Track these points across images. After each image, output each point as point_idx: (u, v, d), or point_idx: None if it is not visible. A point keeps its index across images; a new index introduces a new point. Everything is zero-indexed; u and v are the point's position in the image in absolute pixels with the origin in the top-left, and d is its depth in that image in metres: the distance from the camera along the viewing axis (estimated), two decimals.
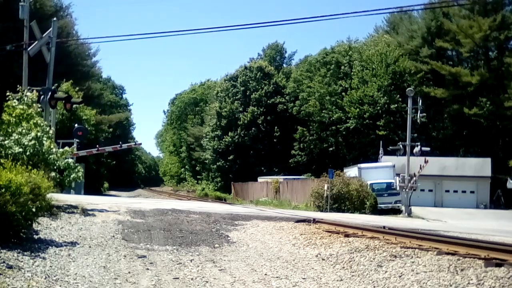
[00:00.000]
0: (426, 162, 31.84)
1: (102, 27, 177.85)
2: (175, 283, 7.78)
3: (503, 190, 41.65)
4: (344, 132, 52.93)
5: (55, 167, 14.63)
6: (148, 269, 8.59)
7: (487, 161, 42.15)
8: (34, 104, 15.28)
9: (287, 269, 9.18)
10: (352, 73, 54.79)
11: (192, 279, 8.09)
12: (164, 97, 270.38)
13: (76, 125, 33.07)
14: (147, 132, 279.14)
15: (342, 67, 57.00)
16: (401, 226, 16.06)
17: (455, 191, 41.88)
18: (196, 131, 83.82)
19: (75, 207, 14.54)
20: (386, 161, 38.67)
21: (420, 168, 31.08)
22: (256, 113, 63.98)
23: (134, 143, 41.77)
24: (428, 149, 35.11)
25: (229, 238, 12.57)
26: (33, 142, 13.77)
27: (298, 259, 10.21)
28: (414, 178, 30.79)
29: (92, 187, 45.81)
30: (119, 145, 34.10)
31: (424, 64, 49.65)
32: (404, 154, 32.57)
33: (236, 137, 64.37)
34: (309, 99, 58.30)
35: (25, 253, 8.33)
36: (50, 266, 7.88)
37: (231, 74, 69.83)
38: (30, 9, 23.04)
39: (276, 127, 63.76)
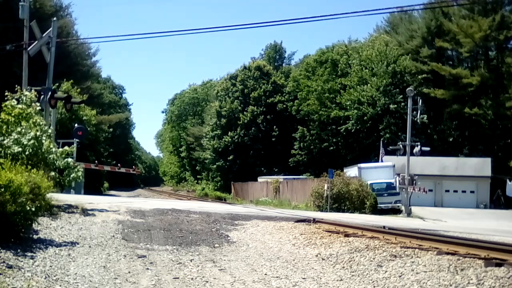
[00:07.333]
0: (425, 191, 33.86)
1: (102, 27, 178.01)
2: (175, 283, 7.77)
3: (503, 191, 41.62)
4: (344, 133, 52.89)
5: (54, 167, 14.60)
6: (148, 269, 8.59)
7: (487, 161, 42.13)
8: (33, 104, 15.24)
9: (287, 269, 9.18)
10: (351, 72, 54.72)
11: (192, 279, 8.08)
12: (164, 97, 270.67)
13: (76, 125, 33.06)
14: (147, 132, 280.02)
15: (340, 65, 56.94)
16: (401, 226, 16.06)
17: (455, 191, 41.85)
18: (196, 130, 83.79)
19: (75, 207, 14.53)
20: (387, 161, 38.67)
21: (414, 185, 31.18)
22: (255, 112, 63.94)
23: (132, 168, 42.33)
24: (428, 149, 35.15)
25: (229, 238, 12.56)
26: (32, 141, 13.71)
27: (298, 259, 10.20)
28: (411, 191, 30.83)
29: (92, 187, 45.72)
30: (118, 167, 35.70)
31: (424, 65, 49.60)
32: (404, 154, 32.56)
33: (236, 136, 64.33)
34: (308, 98, 58.28)
35: (25, 253, 8.33)
36: (50, 266, 7.88)
37: (232, 73, 69.92)
38: (30, 9, 22.97)
39: (275, 127, 63.74)
